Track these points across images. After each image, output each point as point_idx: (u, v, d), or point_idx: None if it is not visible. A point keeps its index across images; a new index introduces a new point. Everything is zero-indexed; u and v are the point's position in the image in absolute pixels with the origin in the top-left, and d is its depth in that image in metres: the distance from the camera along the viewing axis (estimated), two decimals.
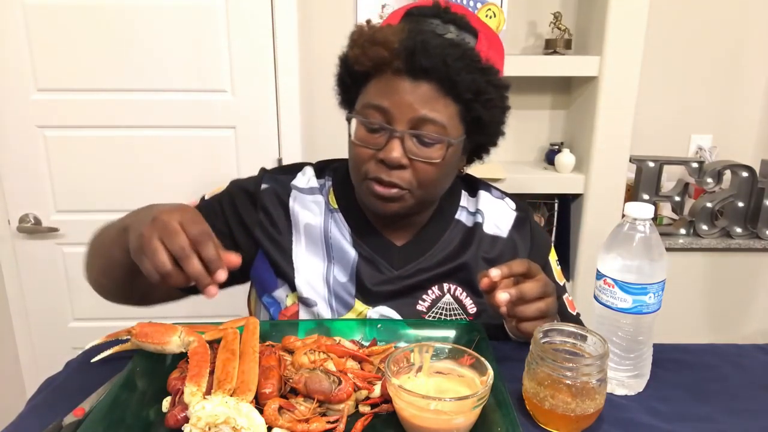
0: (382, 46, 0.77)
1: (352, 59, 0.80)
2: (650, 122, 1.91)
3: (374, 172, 0.81)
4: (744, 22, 1.86)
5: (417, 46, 0.76)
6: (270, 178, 0.95)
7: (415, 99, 0.78)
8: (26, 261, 1.76)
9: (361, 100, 0.83)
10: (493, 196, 0.99)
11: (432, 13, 0.81)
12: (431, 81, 0.77)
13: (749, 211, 1.80)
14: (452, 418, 0.58)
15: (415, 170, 0.81)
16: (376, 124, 0.80)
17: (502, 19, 1.65)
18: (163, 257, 0.62)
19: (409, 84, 0.78)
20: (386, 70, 0.79)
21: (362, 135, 0.82)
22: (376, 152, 0.80)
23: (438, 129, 0.79)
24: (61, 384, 0.74)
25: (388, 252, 0.91)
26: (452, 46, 0.77)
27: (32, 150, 1.66)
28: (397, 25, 0.78)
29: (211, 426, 0.56)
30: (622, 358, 0.71)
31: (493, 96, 0.81)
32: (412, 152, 0.80)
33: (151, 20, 1.59)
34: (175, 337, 0.68)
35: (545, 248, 0.98)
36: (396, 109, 0.78)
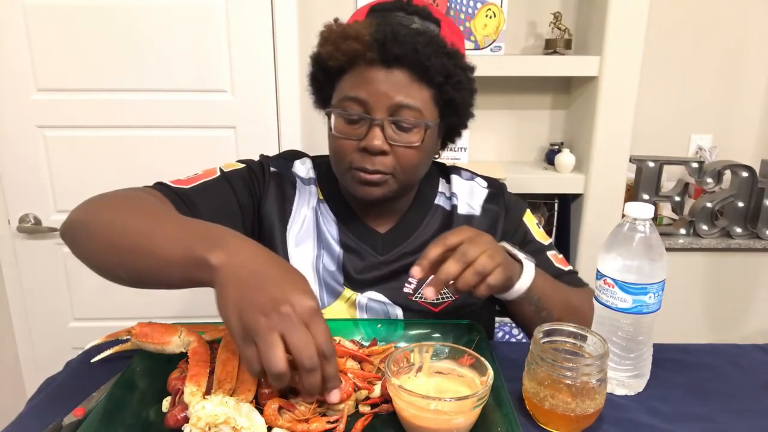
0: (354, 40, 0.80)
1: (326, 56, 0.83)
2: (650, 122, 1.91)
3: (358, 162, 0.84)
4: (744, 22, 1.86)
5: (387, 36, 0.80)
6: (274, 162, 0.98)
7: (390, 87, 0.81)
8: (26, 261, 1.75)
9: (338, 95, 0.86)
10: (464, 178, 1.02)
11: (395, 7, 0.86)
12: (404, 68, 0.82)
13: (749, 211, 1.80)
14: (452, 418, 0.58)
15: (396, 155, 0.84)
16: (356, 114, 0.83)
17: (502, 19, 1.65)
18: (280, 354, 0.53)
19: (384, 73, 0.82)
20: (360, 63, 0.82)
21: (342, 127, 0.85)
22: (358, 142, 0.84)
23: (415, 114, 0.83)
24: (61, 384, 0.74)
25: (373, 239, 0.95)
26: (419, 34, 0.81)
27: (32, 150, 1.66)
28: (365, 20, 0.83)
29: (211, 426, 0.56)
30: (622, 358, 0.71)
31: (462, 78, 0.86)
32: (392, 138, 0.83)
33: (151, 20, 1.59)
34: (175, 337, 0.68)
35: (518, 211, 1.00)
36: (373, 99, 0.82)
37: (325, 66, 0.85)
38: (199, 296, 1.70)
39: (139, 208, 0.73)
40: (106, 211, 0.72)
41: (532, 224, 1.00)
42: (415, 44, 0.80)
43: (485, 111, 1.86)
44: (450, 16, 1.66)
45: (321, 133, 0.88)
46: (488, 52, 1.68)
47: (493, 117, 1.88)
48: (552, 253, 0.98)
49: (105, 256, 0.69)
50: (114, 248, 0.68)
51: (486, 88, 1.83)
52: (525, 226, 0.99)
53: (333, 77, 0.87)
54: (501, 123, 1.89)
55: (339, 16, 0.89)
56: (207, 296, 0.64)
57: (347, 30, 0.81)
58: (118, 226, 0.68)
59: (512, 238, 0.97)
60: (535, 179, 1.71)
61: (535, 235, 0.99)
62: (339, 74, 0.86)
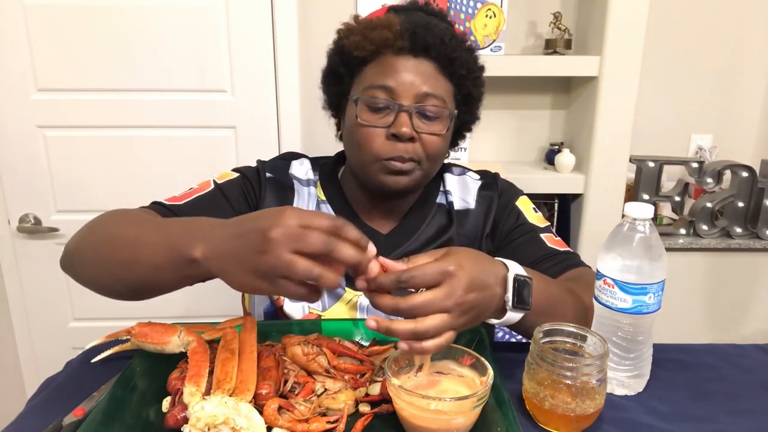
0: (385, 29, 0.82)
1: (351, 46, 0.85)
2: (650, 122, 1.91)
3: (387, 152, 0.84)
4: (744, 22, 1.86)
5: (419, 26, 0.83)
6: (270, 166, 0.98)
7: (417, 76, 0.84)
8: (26, 261, 1.75)
9: (360, 85, 0.87)
10: (455, 174, 1.03)
11: (414, 8, 0.91)
12: (431, 59, 0.84)
13: (749, 211, 1.80)
14: (452, 418, 0.58)
15: (423, 143, 0.85)
16: (383, 102, 0.84)
17: (502, 19, 1.65)
18: (303, 264, 0.53)
19: (412, 62, 0.84)
20: (387, 52, 0.84)
21: (368, 116, 0.85)
22: (385, 130, 0.84)
23: (440, 103, 0.85)
24: (61, 384, 0.74)
25: (375, 240, 0.89)
26: (444, 29, 0.85)
27: (32, 150, 1.66)
28: (391, 14, 0.87)
29: (210, 426, 0.56)
30: (622, 358, 0.71)
31: (479, 75, 0.91)
32: (419, 126, 0.85)
33: (151, 20, 1.59)
34: (174, 337, 0.68)
35: (511, 195, 1.00)
36: (401, 87, 0.83)
37: (347, 58, 0.87)
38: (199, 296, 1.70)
39: (126, 224, 0.74)
40: (98, 233, 0.75)
41: (526, 208, 0.99)
42: (443, 36, 0.83)
43: (485, 111, 1.84)
44: (450, 16, 1.66)
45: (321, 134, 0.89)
46: (488, 52, 1.68)
47: (493, 117, 1.88)
48: (546, 235, 0.95)
49: (101, 275, 0.71)
50: (106, 265, 0.70)
51: (486, 88, 1.83)
52: (517, 208, 0.98)
53: (353, 69, 0.88)
54: (501, 123, 1.89)
55: (339, 16, 0.90)
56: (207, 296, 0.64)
57: (375, 21, 0.84)
58: (108, 243, 0.71)
59: (504, 220, 0.97)
60: (535, 179, 1.71)
61: (529, 218, 0.97)
62: (360, 66, 0.87)
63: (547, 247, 0.93)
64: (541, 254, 0.91)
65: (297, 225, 0.54)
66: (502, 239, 0.96)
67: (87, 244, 0.75)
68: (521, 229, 0.95)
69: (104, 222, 0.77)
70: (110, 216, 0.78)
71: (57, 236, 1.73)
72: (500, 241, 0.96)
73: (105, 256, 0.70)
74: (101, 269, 0.71)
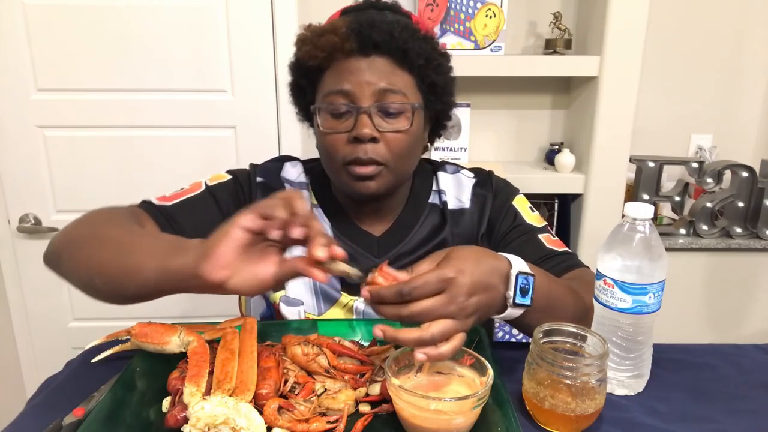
0: (331, 34, 0.82)
1: (305, 57, 0.85)
2: (650, 122, 1.91)
3: (351, 154, 0.83)
4: (744, 22, 1.86)
5: (364, 25, 0.82)
6: (262, 170, 0.97)
7: (372, 74, 0.82)
8: (26, 261, 1.75)
9: (320, 93, 0.87)
10: (449, 172, 1.01)
11: (366, 6, 0.90)
12: (383, 55, 0.83)
13: (749, 211, 1.80)
14: (452, 418, 0.58)
15: (387, 143, 0.84)
16: (342, 107, 0.83)
17: (502, 19, 1.65)
18: None
19: (364, 61, 0.83)
20: (339, 56, 0.83)
21: (329, 123, 0.85)
22: (347, 134, 0.83)
23: (400, 97, 0.83)
24: (61, 384, 0.74)
25: (369, 242, 0.94)
26: (394, 22, 0.84)
27: (32, 150, 1.66)
28: (340, 18, 0.86)
29: (210, 426, 0.56)
30: (622, 358, 0.71)
31: (441, 62, 0.87)
32: (381, 125, 0.83)
33: (152, 20, 1.59)
34: (174, 337, 0.68)
35: (507, 194, 0.99)
36: (357, 88, 0.82)
37: (305, 68, 0.87)
38: (199, 297, 1.70)
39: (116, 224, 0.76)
40: (87, 227, 0.76)
41: (523, 207, 0.98)
42: (392, 30, 0.82)
43: (485, 111, 1.86)
44: (450, 16, 1.66)
45: None
46: (488, 52, 1.68)
47: (493, 117, 1.88)
48: (545, 236, 0.94)
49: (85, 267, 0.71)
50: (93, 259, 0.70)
51: (486, 88, 1.83)
52: (514, 208, 0.97)
53: (314, 78, 0.88)
54: (501, 123, 1.89)
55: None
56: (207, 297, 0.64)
57: (323, 27, 0.84)
58: (97, 240, 0.72)
59: (501, 220, 0.96)
60: (535, 179, 1.71)
61: (527, 218, 0.96)
62: (319, 74, 0.87)
63: (546, 248, 0.92)
64: (540, 255, 0.90)
65: None
66: (500, 240, 0.95)
67: (77, 238, 0.75)
68: (519, 229, 0.94)
69: (95, 220, 0.78)
70: (102, 215, 0.79)
71: None
72: (497, 241, 0.95)
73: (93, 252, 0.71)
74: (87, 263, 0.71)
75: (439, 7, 1.65)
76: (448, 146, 1.82)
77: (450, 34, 1.67)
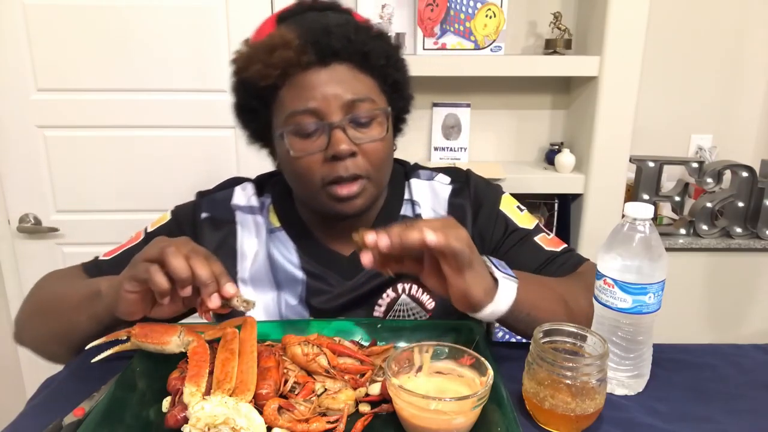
0: (284, 48, 0.74)
1: (256, 77, 0.76)
2: (650, 122, 1.91)
3: (330, 174, 0.77)
4: (744, 22, 1.86)
5: (319, 33, 0.75)
6: (208, 203, 0.91)
7: (336, 86, 0.76)
8: (26, 261, 1.75)
9: (281, 115, 0.79)
10: (423, 178, 0.94)
11: (303, 9, 0.81)
12: (343, 61, 0.77)
13: (749, 211, 1.80)
14: (452, 418, 0.58)
15: (366, 154, 0.79)
16: (311, 126, 0.77)
17: (502, 19, 1.65)
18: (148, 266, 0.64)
19: (325, 73, 0.76)
20: (295, 71, 0.76)
21: (300, 145, 0.78)
22: (322, 153, 0.77)
23: (369, 105, 0.78)
24: (61, 384, 0.75)
25: (338, 263, 0.88)
26: (345, 24, 0.77)
27: (32, 150, 1.66)
28: (283, 28, 0.77)
29: (210, 426, 0.56)
30: (622, 358, 0.71)
31: (399, 57, 0.83)
32: (357, 137, 0.78)
33: (152, 20, 1.59)
34: (174, 337, 0.68)
35: (492, 200, 0.92)
36: (324, 104, 0.76)
37: (255, 90, 0.78)
38: None
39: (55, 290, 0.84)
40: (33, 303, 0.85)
41: (511, 210, 0.92)
42: (348, 34, 0.76)
43: (485, 111, 1.86)
44: (450, 16, 1.66)
45: None
46: (488, 52, 1.68)
47: (493, 117, 1.88)
48: (540, 237, 0.90)
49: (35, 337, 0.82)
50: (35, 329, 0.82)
51: (486, 88, 1.83)
52: (503, 215, 0.91)
53: (266, 99, 0.80)
54: (501, 123, 1.89)
55: None
56: None
57: (271, 42, 0.75)
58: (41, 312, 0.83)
59: (492, 231, 0.90)
60: (535, 179, 1.71)
61: (518, 221, 0.91)
62: (273, 92, 0.79)
63: (546, 251, 0.89)
64: (541, 260, 0.88)
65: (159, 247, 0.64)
66: (494, 250, 0.90)
67: (27, 311, 0.85)
68: (513, 236, 0.90)
69: (39, 288, 0.86)
70: (44, 281, 0.87)
71: (57, 236, 1.74)
72: (491, 252, 0.90)
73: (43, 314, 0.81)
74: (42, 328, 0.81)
75: (439, 7, 1.65)
76: (448, 146, 1.82)
77: (450, 34, 1.67)
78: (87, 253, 1.00)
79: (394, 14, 1.67)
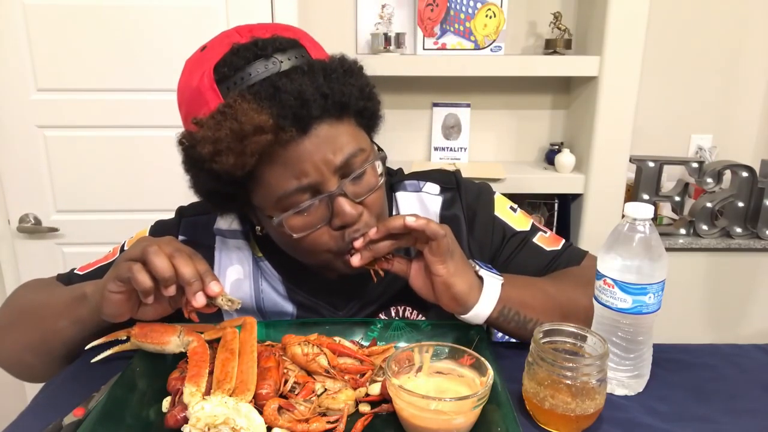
0: (260, 133, 0.64)
1: (229, 169, 0.66)
2: (650, 122, 1.91)
3: (342, 243, 0.72)
4: (744, 22, 1.86)
5: (293, 104, 0.65)
6: (187, 225, 0.87)
7: (324, 151, 0.68)
8: (26, 261, 1.75)
9: (270, 198, 0.70)
10: (410, 190, 0.89)
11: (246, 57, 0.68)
12: (323, 121, 0.68)
13: (749, 211, 1.80)
14: (452, 418, 0.58)
15: (369, 207, 0.73)
16: (309, 202, 0.70)
17: (502, 19, 1.65)
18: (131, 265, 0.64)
19: (308, 142, 0.67)
20: (275, 150, 0.67)
21: (300, 222, 0.71)
22: (328, 226, 0.72)
23: (361, 155, 0.71)
24: (61, 384, 0.74)
25: (328, 292, 0.84)
26: (310, 72, 0.67)
27: (32, 150, 1.66)
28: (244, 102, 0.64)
29: (210, 426, 0.56)
30: (622, 358, 0.71)
31: (367, 82, 0.74)
32: (358, 194, 0.72)
33: (152, 20, 1.59)
34: (174, 337, 0.68)
35: (486, 206, 0.88)
36: (317, 175, 0.68)
37: (229, 179, 0.68)
38: None
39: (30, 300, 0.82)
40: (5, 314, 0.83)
41: (505, 213, 0.88)
42: (319, 87, 0.66)
43: (485, 111, 1.86)
44: (450, 16, 1.66)
45: None
46: (488, 52, 1.68)
47: (493, 117, 1.88)
48: (539, 237, 0.88)
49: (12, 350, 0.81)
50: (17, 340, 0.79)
51: (486, 88, 1.83)
52: (500, 221, 0.87)
53: (244, 183, 0.71)
54: (501, 123, 1.89)
55: (339, 16, 0.86)
56: None
57: (240, 129, 0.63)
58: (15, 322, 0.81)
59: (491, 238, 0.87)
60: (535, 179, 1.71)
61: (514, 225, 0.88)
62: (251, 176, 0.70)
63: (547, 252, 0.88)
64: (544, 263, 0.86)
65: None
66: (492, 257, 0.88)
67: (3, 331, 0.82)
68: (512, 242, 0.87)
69: (14, 298, 0.84)
70: (20, 290, 0.86)
71: (57, 236, 1.74)
72: (490, 259, 0.87)
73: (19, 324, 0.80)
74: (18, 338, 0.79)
75: (439, 7, 1.65)
76: (448, 146, 1.82)
77: (450, 34, 1.67)
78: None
79: (394, 14, 1.67)
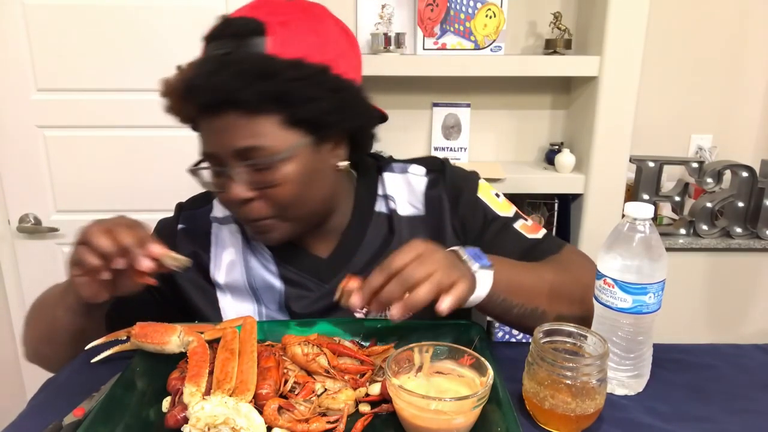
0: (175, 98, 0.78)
1: (174, 114, 0.82)
2: (650, 122, 1.91)
3: (239, 213, 0.79)
4: (744, 21, 1.86)
5: (191, 87, 0.73)
6: (186, 215, 0.93)
7: (226, 133, 0.73)
8: (26, 261, 1.75)
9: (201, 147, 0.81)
10: (396, 172, 0.91)
11: (212, 37, 0.79)
12: (225, 111, 0.73)
13: (749, 211, 1.80)
14: (452, 418, 0.58)
15: (267, 198, 0.76)
16: (214, 168, 0.78)
17: (502, 19, 1.65)
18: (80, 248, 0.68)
19: (218, 121, 0.74)
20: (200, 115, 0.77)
21: (214, 180, 0.80)
22: None
23: (262, 152, 0.73)
24: (61, 384, 0.75)
25: (315, 267, 0.87)
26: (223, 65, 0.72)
27: (32, 150, 1.66)
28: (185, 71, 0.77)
29: (210, 426, 0.56)
30: (622, 358, 0.71)
31: (310, 88, 0.73)
32: (254, 182, 0.75)
33: (152, 20, 1.59)
34: (174, 336, 0.68)
35: (470, 188, 0.90)
36: (219, 150, 0.75)
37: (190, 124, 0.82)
38: None
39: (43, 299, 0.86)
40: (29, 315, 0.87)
41: (489, 197, 0.90)
42: (213, 83, 0.71)
43: (485, 111, 1.86)
44: (450, 16, 1.66)
45: None
46: (488, 52, 1.68)
47: (493, 117, 1.88)
48: (520, 224, 0.89)
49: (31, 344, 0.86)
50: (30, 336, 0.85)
51: (486, 88, 1.83)
52: (482, 202, 0.89)
53: None
54: (501, 123, 1.89)
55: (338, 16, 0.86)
56: None
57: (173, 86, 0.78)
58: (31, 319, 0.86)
59: (471, 219, 0.89)
60: (535, 179, 1.71)
61: (497, 209, 0.89)
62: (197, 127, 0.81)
63: (527, 239, 0.88)
64: (523, 248, 0.87)
65: None
66: (475, 239, 0.89)
67: (25, 325, 0.87)
68: (494, 225, 0.88)
69: (33, 307, 0.87)
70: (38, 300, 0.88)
71: (57, 236, 1.74)
72: (473, 241, 0.88)
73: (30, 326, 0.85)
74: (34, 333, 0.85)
75: (439, 7, 1.65)
76: (448, 146, 1.82)
77: (450, 34, 1.67)
78: None
79: (394, 14, 1.67)
